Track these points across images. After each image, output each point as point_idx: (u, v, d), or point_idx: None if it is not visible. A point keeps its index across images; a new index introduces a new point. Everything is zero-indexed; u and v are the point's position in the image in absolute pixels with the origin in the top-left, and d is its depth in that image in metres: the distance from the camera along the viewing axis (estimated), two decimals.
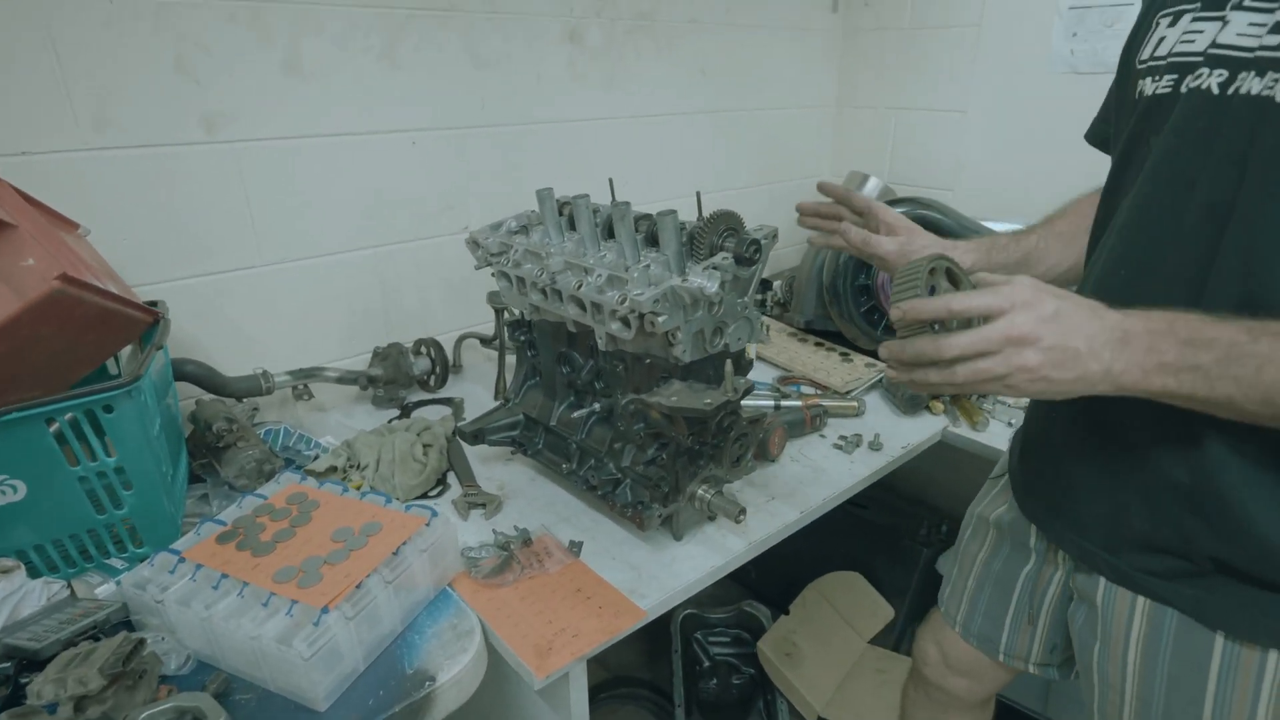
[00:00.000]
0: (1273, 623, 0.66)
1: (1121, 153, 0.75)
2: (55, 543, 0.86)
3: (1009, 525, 0.93)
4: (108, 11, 1.02)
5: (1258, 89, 0.59)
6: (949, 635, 1.05)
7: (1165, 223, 0.67)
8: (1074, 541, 0.81)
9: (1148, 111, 0.70)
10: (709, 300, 0.83)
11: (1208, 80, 0.63)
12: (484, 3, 1.38)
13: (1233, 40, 0.62)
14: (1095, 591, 0.78)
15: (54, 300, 0.78)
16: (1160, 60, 0.69)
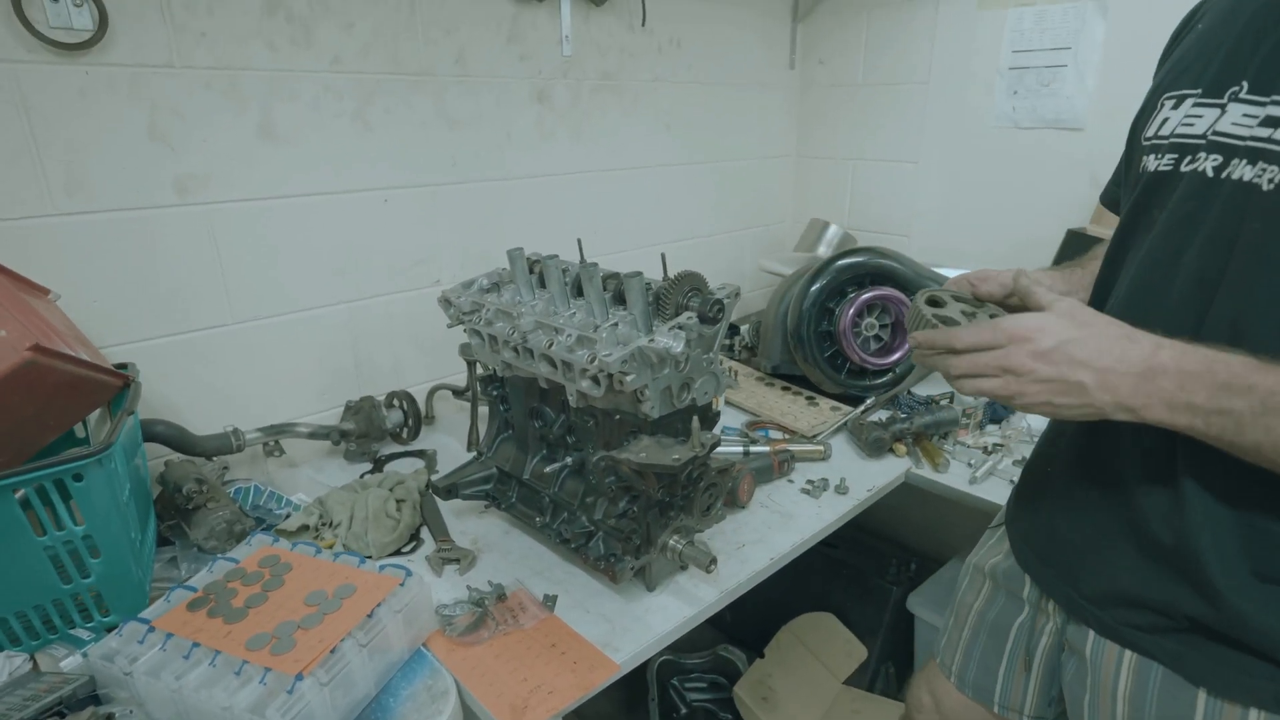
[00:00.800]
0: (1251, 681, 0.68)
1: (1126, 220, 0.79)
2: (18, 615, 0.84)
3: (1004, 575, 0.95)
4: (82, 81, 1.04)
5: (1249, 176, 0.64)
6: (943, 685, 1.05)
7: (1160, 290, 0.71)
8: (1065, 593, 0.83)
9: (1150, 186, 0.74)
10: (675, 359, 0.86)
11: (1204, 164, 0.68)
12: (455, 66, 1.43)
13: (1228, 128, 0.67)
14: (1085, 644, 0.80)
15: (25, 370, 0.78)
16: (1163, 140, 0.73)
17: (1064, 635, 0.85)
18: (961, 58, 1.84)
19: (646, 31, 1.74)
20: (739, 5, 1.94)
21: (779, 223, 2.29)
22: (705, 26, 1.87)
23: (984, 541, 1.02)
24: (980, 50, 1.80)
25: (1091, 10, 1.60)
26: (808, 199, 2.28)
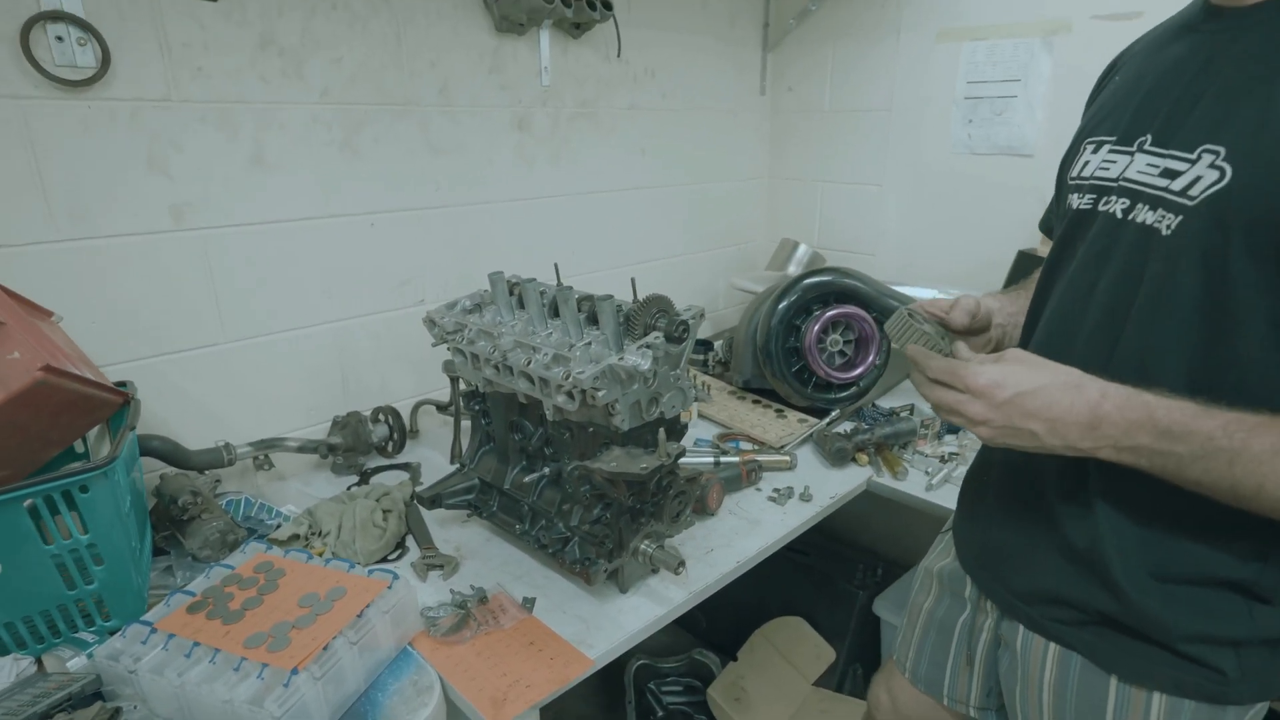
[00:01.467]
0: (1152, 668, 0.76)
1: (1054, 252, 0.87)
2: (25, 619, 0.89)
3: (949, 577, 1.03)
4: (85, 115, 1.11)
5: (1150, 220, 0.71)
6: (899, 681, 1.13)
7: (1077, 318, 0.79)
8: (998, 592, 0.91)
9: (1074, 222, 0.82)
10: (643, 375, 0.94)
11: (1114, 205, 0.76)
12: (439, 96, 1.50)
13: (1135, 175, 0.74)
14: (1016, 638, 0.88)
15: (37, 390, 0.84)
16: (1085, 180, 0.81)
17: (999, 631, 0.93)
18: (921, 87, 1.94)
19: (622, 62, 1.83)
20: (711, 36, 2.04)
21: (752, 242, 2.38)
22: (679, 56, 1.96)
23: (935, 546, 1.10)
24: (938, 81, 1.91)
25: (1039, 46, 1.71)
26: (779, 219, 2.37)
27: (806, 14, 2.10)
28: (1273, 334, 0.66)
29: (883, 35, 1.98)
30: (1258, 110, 0.64)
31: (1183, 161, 0.69)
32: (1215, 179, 0.66)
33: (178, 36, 1.16)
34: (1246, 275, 0.65)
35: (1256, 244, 0.64)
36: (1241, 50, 0.68)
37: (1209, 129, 0.68)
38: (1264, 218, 0.63)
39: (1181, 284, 0.69)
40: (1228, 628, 0.73)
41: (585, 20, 1.63)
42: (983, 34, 1.80)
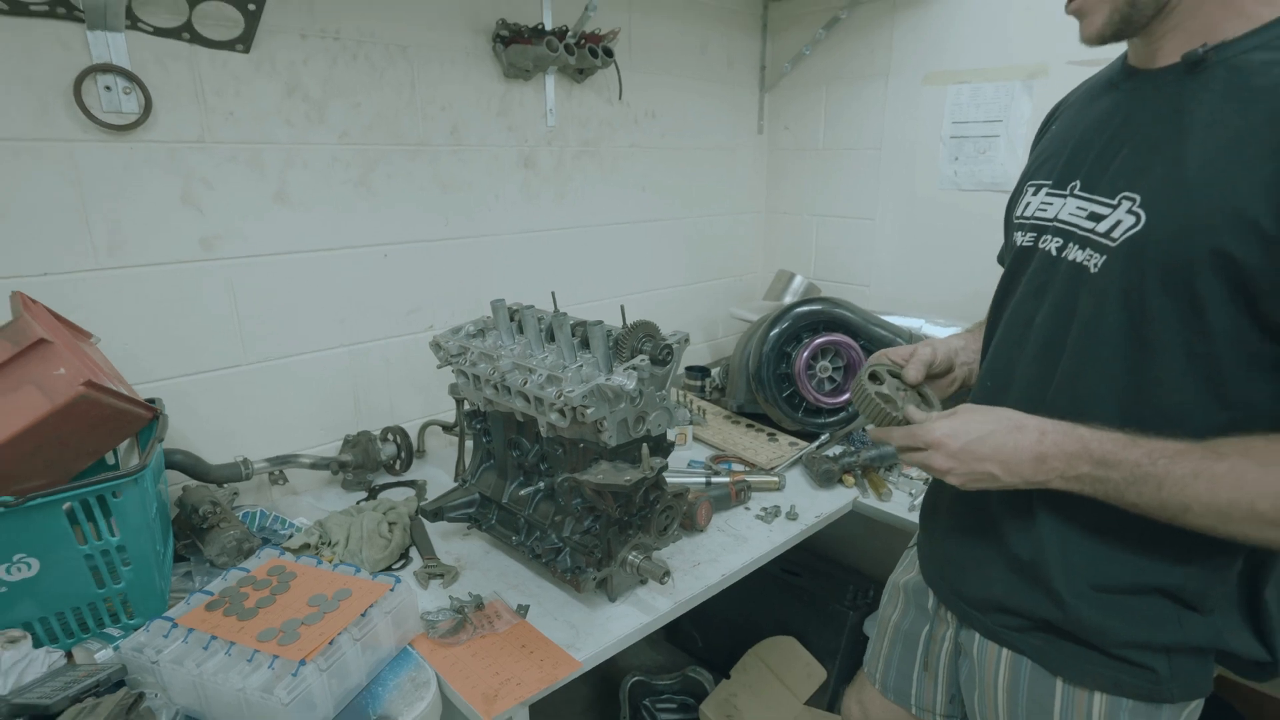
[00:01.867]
0: (1093, 669, 0.82)
1: (1002, 284, 0.95)
2: (58, 615, 0.97)
3: (913, 589, 1.09)
4: (127, 156, 1.22)
5: (1080, 258, 0.79)
6: (870, 693, 1.18)
7: (1018, 346, 0.86)
8: (955, 602, 0.97)
9: (1018, 257, 0.90)
10: (629, 395, 1.01)
11: (1050, 244, 0.84)
12: (449, 137, 1.61)
13: (1066, 217, 0.82)
14: (973, 645, 0.94)
15: (79, 403, 0.93)
16: (1027, 220, 0.89)
17: (959, 639, 0.99)
18: (909, 127, 2.04)
19: (624, 104, 1.94)
20: (709, 79, 2.16)
21: (750, 273, 2.47)
22: (678, 98, 2.08)
23: (901, 561, 1.16)
24: (925, 121, 2.00)
25: (1019, 89, 1.81)
26: (776, 251, 2.46)
27: (801, 58, 2.22)
28: (1188, 363, 0.72)
29: (873, 78, 2.08)
30: (1167, 166, 0.72)
31: (1106, 206, 0.77)
32: (1132, 223, 0.73)
33: (212, 85, 1.28)
34: (1163, 310, 0.72)
35: (1169, 283, 0.71)
36: (1152, 109, 0.76)
37: (1127, 178, 0.76)
38: (1174, 260, 0.70)
39: (1107, 317, 0.76)
40: (1158, 634, 0.79)
41: (588, 66, 1.75)
42: (966, 78, 1.90)
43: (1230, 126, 0.68)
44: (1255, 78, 0.68)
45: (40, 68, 1.11)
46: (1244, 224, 0.66)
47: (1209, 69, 0.71)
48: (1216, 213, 0.67)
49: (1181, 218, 0.70)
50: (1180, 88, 0.73)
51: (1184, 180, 0.70)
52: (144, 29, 1.18)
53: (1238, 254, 0.66)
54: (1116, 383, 0.77)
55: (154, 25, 1.18)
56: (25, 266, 1.15)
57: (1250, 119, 0.67)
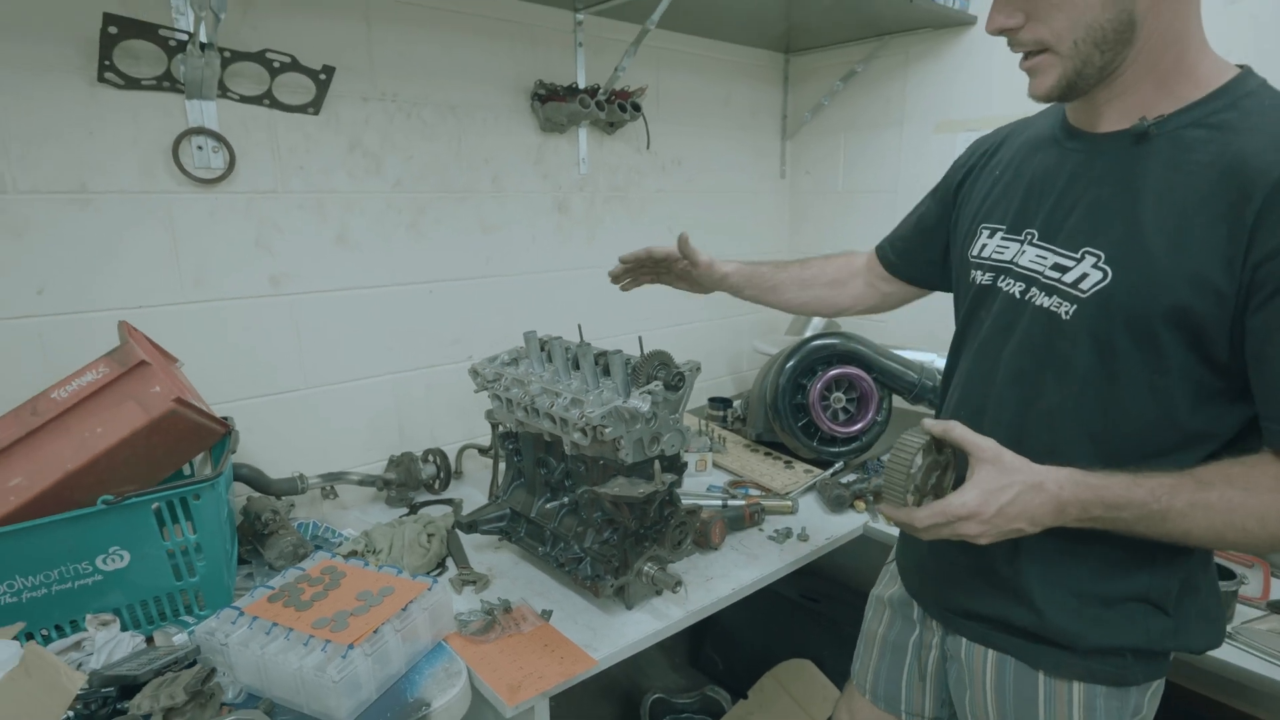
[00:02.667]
0: (1070, 664, 0.91)
1: (963, 319, 1.03)
2: (142, 603, 1.11)
3: (898, 602, 1.16)
4: (213, 205, 1.40)
5: (1048, 304, 0.87)
6: (859, 702, 1.24)
7: (988, 378, 0.95)
8: (941, 613, 1.05)
9: (978, 295, 0.98)
10: (644, 416, 1.13)
11: (1013, 287, 0.92)
12: (491, 185, 1.77)
13: (1027, 263, 0.91)
14: (960, 650, 1.02)
15: (169, 417, 1.08)
16: (984, 260, 0.97)
17: (945, 646, 1.06)
18: (922, 171, 2.14)
19: (651, 153, 2.09)
20: (733, 128, 2.30)
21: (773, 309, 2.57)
22: (703, 145, 2.22)
23: (881, 577, 1.24)
24: (937, 165, 2.09)
25: None
26: None
27: (820, 108, 2.35)
28: (1149, 395, 0.82)
29: (887, 126, 2.20)
30: (1126, 228, 0.81)
31: (1069, 259, 0.86)
32: (1100, 278, 0.83)
33: (286, 143, 1.46)
34: (1129, 352, 0.82)
35: (1135, 330, 0.81)
36: (1099, 171, 0.85)
37: (1087, 235, 0.85)
38: (1140, 312, 0.80)
39: (1081, 359, 0.85)
40: (1124, 638, 0.88)
41: (618, 120, 1.91)
42: (975, 125, 2.00)
43: (1180, 195, 0.78)
44: (1196, 153, 0.77)
45: (146, 131, 1.30)
46: (1201, 283, 0.76)
47: (1152, 140, 0.81)
48: (1176, 273, 0.77)
49: (1145, 277, 0.79)
50: (1128, 155, 0.83)
51: (1144, 243, 0.79)
52: (232, 97, 1.37)
53: (1196, 308, 0.76)
54: (1090, 413, 0.86)
55: (240, 94, 1.37)
56: (127, 299, 1.32)
57: (1199, 190, 0.76)
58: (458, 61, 1.66)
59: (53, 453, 1.03)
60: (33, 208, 1.23)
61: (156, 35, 1.24)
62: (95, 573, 1.06)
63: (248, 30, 1.37)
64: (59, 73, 1.22)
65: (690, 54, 2.13)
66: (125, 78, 1.25)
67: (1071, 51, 0.79)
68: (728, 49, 2.21)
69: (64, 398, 1.04)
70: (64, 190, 1.25)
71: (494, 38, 1.71)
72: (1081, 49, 0.79)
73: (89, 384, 1.05)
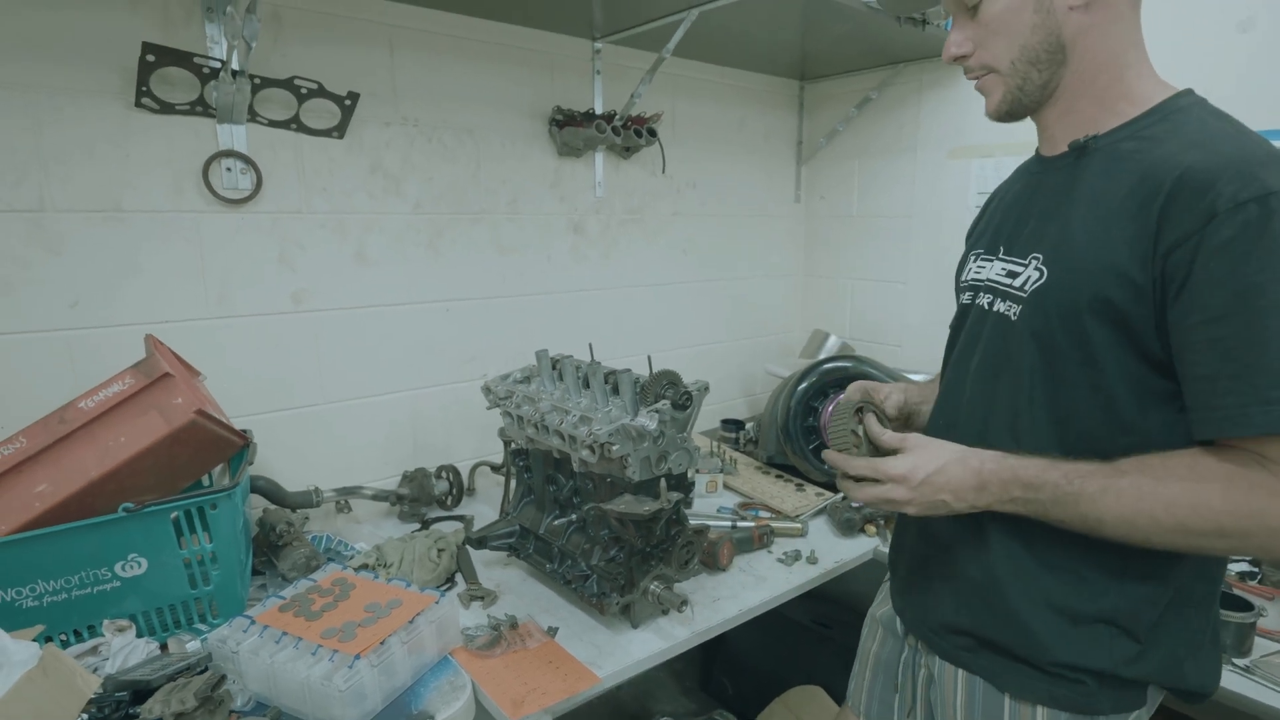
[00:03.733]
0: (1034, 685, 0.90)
1: (950, 337, 1.08)
2: (158, 610, 1.14)
3: (887, 620, 1.17)
4: (239, 224, 1.44)
5: (1002, 309, 0.92)
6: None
7: (960, 386, 0.99)
8: (919, 628, 1.06)
9: (961, 314, 1.04)
10: (651, 435, 1.14)
11: (983, 299, 0.97)
12: (508, 207, 1.81)
13: (993, 277, 0.96)
14: (935, 668, 1.02)
15: (190, 428, 1.11)
16: (966, 282, 1.03)
17: (928, 665, 1.05)
18: (936, 197, 2.16)
19: (667, 177, 2.12)
20: (749, 153, 2.33)
21: (787, 332, 2.58)
22: (719, 169, 2.26)
23: (879, 594, 1.23)
24: (950, 191, 2.12)
25: None
26: (812, 312, 2.58)
27: (835, 133, 2.38)
28: (1091, 395, 0.84)
29: (901, 152, 2.22)
30: (1060, 229, 0.87)
31: (1020, 265, 0.91)
32: (1038, 277, 0.87)
33: (311, 165, 1.51)
34: (1066, 350, 0.85)
35: (1066, 326, 0.84)
36: (1051, 186, 0.92)
37: (1034, 241, 0.90)
38: (1067, 306, 0.83)
39: (1026, 358, 0.88)
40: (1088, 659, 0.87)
41: (634, 145, 1.94)
42: (989, 152, 2.02)
43: (1107, 199, 0.83)
44: (1126, 162, 0.83)
45: (178, 154, 1.36)
46: (1117, 274, 0.79)
47: (1090, 154, 0.87)
48: (1096, 265, 0.81)
49: (1070, 271, 0.84)
50: (1072, 169, 0.89)
51: (1071, 240, 0.84)
52: (261, 121, 1.42)
53: (1116, 299, 0.79)
54: (1041, 416, 0.88)
55: (269, 118, 1.43)
56: (154, 314, 1.37)
57: (1119, 192, 0.81)
58: (478, 87, 1.71)
59: (78, 460, 1.07)
60: (69, 225, 1.28)
61: (191, 63, 1.30)
62: (114, 579, 1.09)
63: (277, 58, 1.43)
64: (98, 97, 1.28)
65: (706, 81, 2.17)
66: (161, 103, 1.31)
67: (1011, 70, 0.88)
68: (743, 76, 2.25)
69: (90, 407, 1.07)
70: (99, 209, 1.30)
71: (514, 65, 1.76)
72: (1019, 67, 0.87)
73: (115, 394, 1.08)
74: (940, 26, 1.80)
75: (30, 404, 1.23)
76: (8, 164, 1.22)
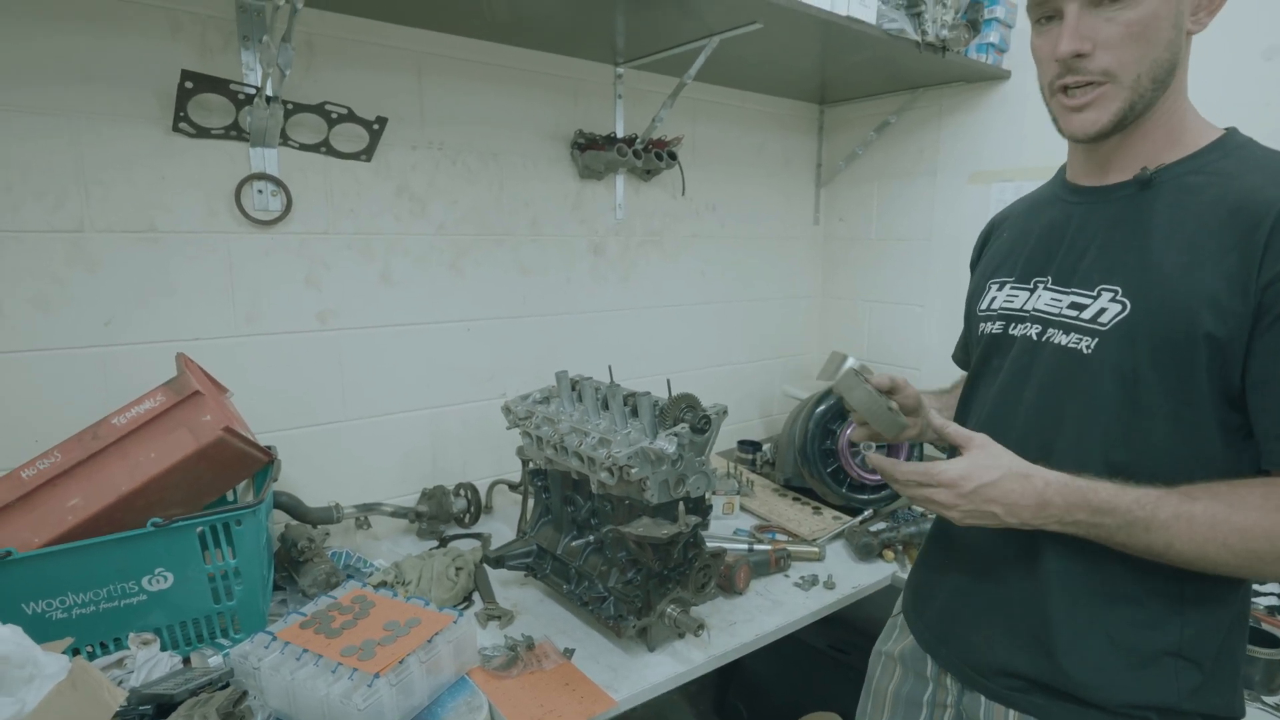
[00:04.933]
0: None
1: (975, 368, 1.06)
2: (182, 624, 1.15)
3: (909, 657, 1.13)
4: (268, 244, 1.48)
5: (1066, 342, 0.89)
6: None
7: (1009, 418, 0.96)
8: (959, 667, 1.02)
9: (989, 344, 1.02)
10: (669, 458, 1.14)
11: (1029, 330, 0.95)
12: (529, 229, 1.84)
13: (1041, 307, 0.94)
14: (978, 708, 0.99)
15: (218, 444, 1.14)
16: (993, 312, 1.01)
17: (961, 704, 1.03)
18: (956, 221, 2.15)
19: (687, 199, 2.14)
20: (768, 175, 2.35)
21: (804, 353, 2.58)
22: (738, 192, 2.27)
23: (887, 631, 1.21)
24: (971, 215, 2.11)
25: None
26: (830, 333, 2.57)
27: (854, 157, 2.39)
28: (1175, 427, 0.83)
29: (921, 175, 2.23)
30: (1140, 261, 0.85)
31: (1085, 297, 0.89)
32: (1120, 310, 0.85)
33: (339, 187, 1.54)
34: (1153, 383, 0.83)
35: (1158, 359, 0.82)
36: (1109, 216, 0.91)
37: (1102, 273, 0.88)
38: (1163, 339, 0.82)
39: (1104, 393, 0.86)
40: (1154, 695, 0.85)
41: (654, 168, 1.97)
42: (1009, 176, 2.02)
43: (1189, 229, 0.82)
44: (1200, 195, 0.83)
45: (212, 176, 1.40)
46: (1216, 306, 0.78)
47: (1156, 187, 0.87)
48: (1193, 296, 0.80)
49: (1163, 302, 0.82)
50: (1134, 201, 0.88)
51: (1159, 272, 0.83)
52: (292, 145, 1.46)
53: (1216, 332, 0.79)
54: (1115, 448, 0.86)
55: (300, 142, 1.46)
56: (185, 331, 1.40)
57: (1207, 224, 0.81)
58: (502, 111, 1.75)
59: (109, 475, 1.10)
60: (106, 245, 1.32)
61: (228, 89, 1.34)
62: (140, 592, 1.11)
63: (309, 84, 1.47)
64: (137, 121, 1.32)
65: (726, 104, 2.19)
66: (197, 127, 1.35)
67: (1134, 83, 0.83)
68: (763, 100, 2.28)
69: (123, 424, 1.10)
70: (135, 230, 1.34)
71: (537, 89, 1.79)
72: (1144, 83, 0.83)
73: (146, 411, 1.11)
74: (960, 54, 1.81)
75: (64, 418, 1.26)
76: (50, 186, 1.26)
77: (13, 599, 1.03)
